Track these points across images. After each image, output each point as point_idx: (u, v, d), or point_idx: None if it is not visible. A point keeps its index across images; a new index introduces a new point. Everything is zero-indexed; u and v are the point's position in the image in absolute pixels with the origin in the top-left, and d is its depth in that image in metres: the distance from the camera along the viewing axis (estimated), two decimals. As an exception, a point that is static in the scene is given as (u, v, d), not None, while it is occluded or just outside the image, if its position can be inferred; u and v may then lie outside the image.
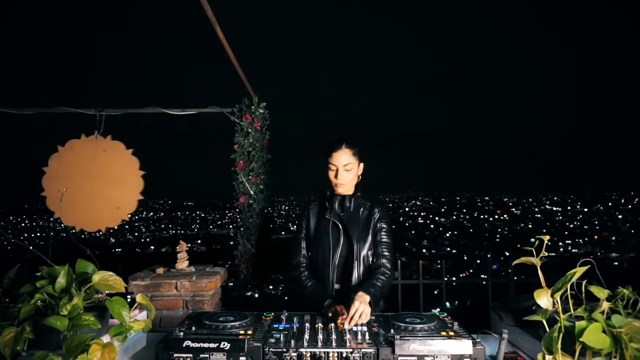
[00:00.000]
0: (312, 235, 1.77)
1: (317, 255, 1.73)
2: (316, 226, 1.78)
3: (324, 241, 1.72)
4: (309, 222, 1.79)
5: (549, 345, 0.95)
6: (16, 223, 44.69)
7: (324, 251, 1.71)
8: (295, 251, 1.78)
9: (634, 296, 1.04)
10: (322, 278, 1.70)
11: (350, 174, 1.71)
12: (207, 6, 1.84)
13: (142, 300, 1.18)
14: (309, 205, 1.83)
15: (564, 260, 18.24)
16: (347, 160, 1.69)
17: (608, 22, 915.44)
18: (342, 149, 1.69)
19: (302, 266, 1.74)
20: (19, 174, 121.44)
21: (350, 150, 1.69)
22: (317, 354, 1.08)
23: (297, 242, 1.79)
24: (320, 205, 1.81)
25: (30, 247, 1.92)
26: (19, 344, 0.98)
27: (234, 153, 3.00)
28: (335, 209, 1.72)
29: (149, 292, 2.21)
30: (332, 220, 1.71)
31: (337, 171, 1.69)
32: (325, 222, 1.75)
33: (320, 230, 1.75)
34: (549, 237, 1.15)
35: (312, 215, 1.80)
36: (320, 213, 1.79)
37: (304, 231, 1.80)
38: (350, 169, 1.70)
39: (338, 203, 1.73)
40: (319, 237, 1.74)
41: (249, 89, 2.89)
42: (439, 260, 8.54)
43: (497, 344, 1.08)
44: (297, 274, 1.71)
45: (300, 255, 1.77)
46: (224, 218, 54.00)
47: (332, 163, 1.70)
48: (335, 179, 1.71)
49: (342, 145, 1.69)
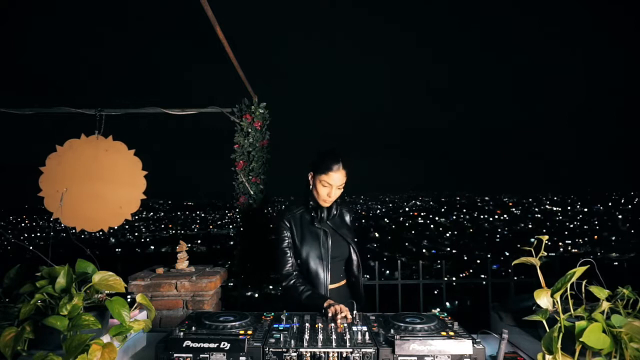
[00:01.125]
0: (300, 242, 1.78)
1: (308, 261, 1.76)
2: (302, 234, 1.79)
3: (315, 249, 1.76)
4: (293, 231, 1.80)
5: (549, 345, 0.95)
6: (16, 223, 44.70)
7: (316, 258, 1.75)
8: (283, 262, 1.78)
9: (634, 296, 1.04)
10: (315, 282, 1.74)
11: (340, 191, 1.75)
12: (207, 6, 1.84)
13: (142, 300, 1.18)
14: (288, 213, 1.83)
15: (564, 260, 18.22)
16: (342, 180, 1.71)
17: (608, 22, 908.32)
18: (339, 170, 1.68)
19: (293, 275, 1.75)
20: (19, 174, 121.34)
21: (345, 170, 1.70)
22: (317, 354, 1.08)
23: (283, 252, 1.79)
24: (303, 212, 1.83)
25: (30, 247, 1.92)
26: (19, 344, 0.98)
27: (234, 153, 3.00)
28: (324, 218, 1.79)
29: (149, 292, 2.22)
30: (324, 229, 1.78)
31: (331, 190, 1.71)
32: (313, 229, 1.79)
33: (309, 238, 1.78)
34: (548, 237, 1.15)
35: (294, 223, 1.81)
36: (304, 220, 1.81)
37: (288, 240, 1.80)
38: (342, 188, 1.74)
39: (326, 213, 1.79)
40: (309, 244, 1.77)
41: (249, 89, 2.89)
42: (439, 260, 8.55)
43: (497, 344, 1.08)
44: (291, 283, 1.73)
45: (289, 265, 1.77)
46: (224, 218, 54.01)
47: (326, 181, 1.69)
48: (327, 196, 1.72)
49: (340, 165, 1.68)
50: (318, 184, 1.72)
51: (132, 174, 2.84)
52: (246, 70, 2.66)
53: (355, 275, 1.85)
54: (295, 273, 1.75)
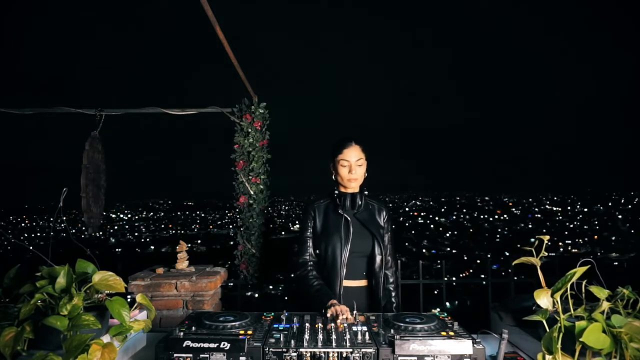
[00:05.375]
0: (321, 231, 1.77)
1: (326, 251, 1.73)
2: (325, 222, 1.78)
3: (335, 237, 1.73)
4: (316, 220, 1.80)
5: (549, 345, 0.95)
6: (16, 223, 44.67)
7: (334, 247, 1.72)
8: (302, 250, 1.78)
9: (634, 296, 1.04)
10: (331, 274, 1.71)
11: (361, 169, 1.76)
12: (207, 6, 1.84)
13: (142, 300, 1.18)
14: (314, 203, 1.84)
15: (564, 260, 18.23)
16: (359, 155, 1.74)
17: (609, 22, 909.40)
18: (353, 145, 1.74)
19: (309, 265, 1.74)
20: (19, 174, 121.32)
21: (359, 146, 1.75)
22: (317, 354, 1.08)
23: (304, 241, 1.79)
24: (329, 202, 1.83)
25: (30, 247, 1.92)
26: (19, 344, 0.98)
27: (234, 153, 3.00)
28: (347, 205, 1.77)
29: (149, 292, 2.21)
30: (345, 216, 1.74)
31: (350, 167, 1.74)
32: (335, 218, 1.77)
33: (330, 226, 1.76)
34: (548, 237, 1.15)
35: (319, 212, 1.81)
36: (329, 210, 1.80)
37: (310, 229, 1.80)
38: (362, 165, 1.76)
39: (350, 200, 1.77)
40: (329, 233, 1.75)
41: (249, 89, 2.89)
42: (439, 260, 8.55)
43: (497, 344, 1.08)
44: (304, 273, 1.72)
45: (307, 254, 1.77)
46: (224, 218, 53.97)
47: (344, 159, 1.74)
48: (349, 174, 1.74)
49: (352, 141, 1.75)
50: (339, 166, 1.76)
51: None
52: (246, 70, 2.66)
53: (376, 276, 1.73)
54: (311, 263, 1.74)
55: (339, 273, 1.69)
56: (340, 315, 1.33)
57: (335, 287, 1.69)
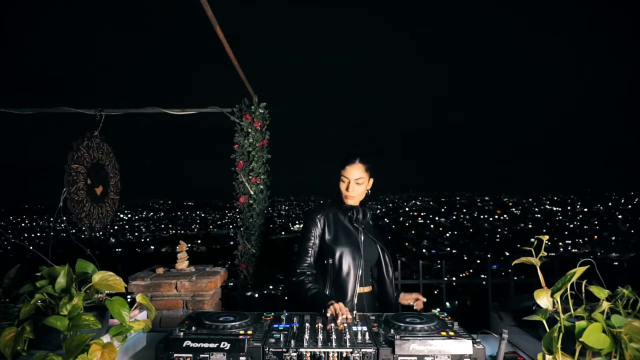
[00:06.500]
0: (332, 242, 1.76)
1: (340, 261, 1.73)
2: (336, 233, 1.77)
3: (350, 248, 1.74)
4: (325, 230, 1.78)
5: (549, 345, 0.95)
6: (16, 223, 44.67)
7: (350, 258, 1.73)
8: (301, 260, 1.76)
9: (634, 296, 1.04)
10: (346, 282, 1.72)
11: (360, 187, 1.77)
12: (207, 6, 1.84)
13: (142, 300, 1.18)
14: (321, 211, 1.81)
15: (564, 260, 18.21)
16: (359, 174, 1.75)
17: (608, 22, 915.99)
18: (355, 164, 1.75)
19: (306, 274, 1.73)
20: (19, 173, 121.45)
21: (363, 165, 1.75)
22: (317, 354, 1.08)
23: (305, 251, 1.77)
24: (338, 213, 1.83)
25: (31, 247, 1.92)
26: (19, 344, 0.98)
27: (234, 153, 3.00)
28: (360, 219, 1.79)
29: (149, 292, 2.21)
30: (360, 229, 1.79)
31: (349, 184, 1.75)
32: (347, 229, 1.79)
33: (343, 237, 1.76)
34: (548, 237, 1.15)
35: (327, 222, 1.79)
36: (338, 220, 1.81)
37: (313, 239, 1.78)
38: (361, 183, 1.76)
39: (362, 214, 1.80)
40: (344, 244, 1.75)
41: (249, 89, 2.89)
42: (439, 260, 8.55)
43: (497, 344, 1.08)
44: (301, 279, 1.71)
45: (306, 264, 1.75)
46: (224, 218, 53.99)
47: (344, 175, 1.76)
48: (346, 191, 1.77)
49: (357, 160, 1.76)
50: (339, 180, 1.78)
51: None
52: (246, 71, 2.66)
53: (384, 281, 1.81)
54: (309, 273, 1.74)
55: (353, 282, 1.73)
56: (340, 315, 1.33)
57: (349, 294, 1.72)
